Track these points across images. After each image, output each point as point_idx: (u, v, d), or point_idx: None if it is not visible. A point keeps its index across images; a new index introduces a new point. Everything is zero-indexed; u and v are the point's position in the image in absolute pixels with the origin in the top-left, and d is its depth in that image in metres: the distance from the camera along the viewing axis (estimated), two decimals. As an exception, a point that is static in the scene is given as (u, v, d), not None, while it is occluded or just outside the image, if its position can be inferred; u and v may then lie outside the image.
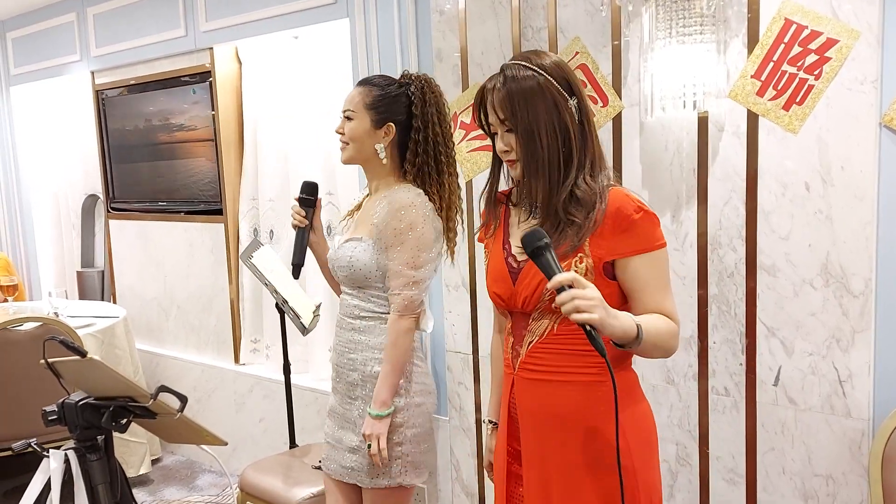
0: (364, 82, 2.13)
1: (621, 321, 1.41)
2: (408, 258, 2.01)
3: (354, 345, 2.10)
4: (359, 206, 2.23)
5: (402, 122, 2.08)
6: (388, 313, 2.07)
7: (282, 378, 3.19)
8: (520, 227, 1.66)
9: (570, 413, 1.56)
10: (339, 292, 2.25)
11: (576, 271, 1.53)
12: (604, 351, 1.36)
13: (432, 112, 2.08)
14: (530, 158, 1.57)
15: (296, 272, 2.20)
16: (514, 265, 1.64)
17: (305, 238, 2.19)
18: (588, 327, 1.36)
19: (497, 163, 1.70)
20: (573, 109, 1.57)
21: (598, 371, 1.54)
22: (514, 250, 1.65)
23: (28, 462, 1.77)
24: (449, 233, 2.13)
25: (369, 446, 2.02)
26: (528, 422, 1.64)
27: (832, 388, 2.10)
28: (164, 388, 1.60)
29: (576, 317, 1.35)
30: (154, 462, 4.03)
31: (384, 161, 2.09)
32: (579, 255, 1.55)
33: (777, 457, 2.21)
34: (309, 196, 2.19)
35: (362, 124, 2.07)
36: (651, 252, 1.55)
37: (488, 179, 1.74)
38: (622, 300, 1.59)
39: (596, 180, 1.56)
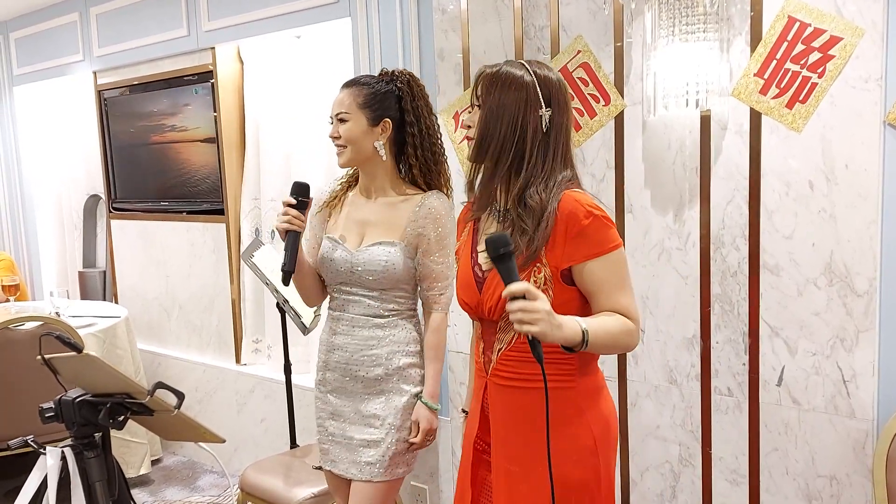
0: (351, 83, 2.12)
1: (565, 331, 1.47)
2: (449, 260, 2.09)
3: (377, 341, 2.11)
4: (337, 198, 2.22)
5: (396, 117, 2.09)
6: (408, 310, 2.14)
7: (283, 378, 3.18)
8: (485, 232, 1.72)
9: (538, 415, 1.60)
10: (313, 294, 2.22)
11: (534, 282, 1.59)
12: (541, 359, 1.43)
13: (422, 105, 2.11)
14: (484, 135, 1.63)
15: (287, 279, 2.08)
16: (480, 274, 1.71)
17: (299, 242, 2.08)
18: (530, 336, 1.43)
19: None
20: (542, 118, 1.62)
21: (564, 377, 1.64)
22: (481, 258, 1.71)
23: (29, 462, 1.75)
24: None
25: (430, 439, 2.12)
26: (499, 421, 1.73)
27: (836, 388, 2.08)
28: (161, 385, 1.59)
29: (517, 327, 1.43)
30: (155, 462, 4.03)
31: (384, 158, 2.10)
32: (536, 265, 1.60)
33: (780, 457, 2.19)
34: (304, 198, 2.09)
35: (359, 124, 2.07)
36: (604, 255, 1.59)
37: (469, 175, 1.77)
38: (583, 302, 1.65)
39: (550, 192, 1.61)
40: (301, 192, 2.08)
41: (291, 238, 2.05)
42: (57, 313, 3.57)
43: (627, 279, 1.63)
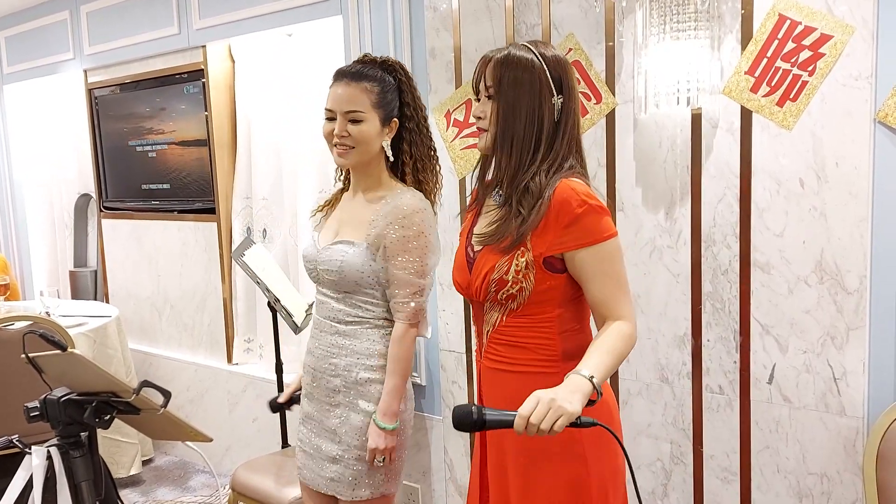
0: (359, 76, 1.93)
1: (580, 397, 1.41)
2: (416, 266, 1.92)
3: (338, 349, 1.99)
4: (332, 202, 2.13)
5: (399, 114, 1.98)
6: (376, 318, 1.99)
7: (274, 377, 3.16)
8: (485, 214, 1.70)
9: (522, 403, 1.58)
10: None
11: (516, 266, 1.57)
12: (591, 423, 1.38)
13: (418, 97, 2.00)
14: (505, 133, 1.60)
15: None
16: (471, 255, 1.68)
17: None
18: (573, 421, 1.38)
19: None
20: (554, 106, 1.60)
21: (546, 363, 1.60)
22: (474, 239, 1.69)
23: (14, 465, 1.73)
24: None
25: (383, 460, 1.95)
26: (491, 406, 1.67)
27: (826, 386, 2.08)
28: (147, 384, 1.57)
29: (556, 428, 1.36)
30: (146, 462, 4.01)
31: (391, 158, 1.99)
32: (520, 249, 1.58)
33: (771, 455, 2.19)
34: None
35: (373, 125, 1.92)
36: (595, 245, 1.55)
37: (477, 165, 1.77)
38: (568, 290, 1.61)
39: (550, 177, 1.58)
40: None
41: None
42: (47, 313, 3.56)
43: (621, 271, 1.59)
